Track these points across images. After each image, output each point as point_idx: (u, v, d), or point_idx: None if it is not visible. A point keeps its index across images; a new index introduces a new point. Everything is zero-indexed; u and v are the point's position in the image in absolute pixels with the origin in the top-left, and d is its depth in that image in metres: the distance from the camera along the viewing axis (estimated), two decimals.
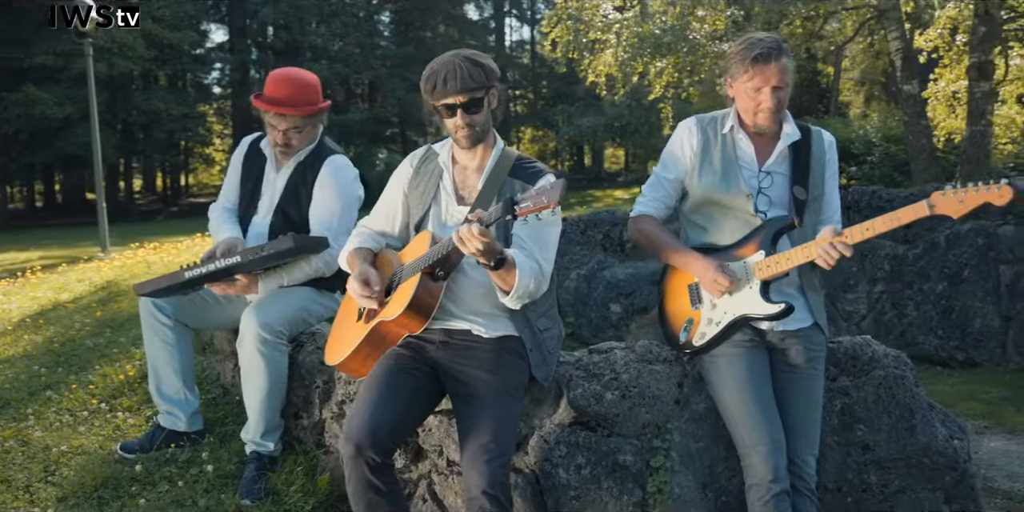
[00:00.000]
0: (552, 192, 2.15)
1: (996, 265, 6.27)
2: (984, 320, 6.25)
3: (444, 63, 2.55)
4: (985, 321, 6.24)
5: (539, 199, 2.17)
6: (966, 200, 2.27)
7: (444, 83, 2.53)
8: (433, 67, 2.58)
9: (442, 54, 2.63)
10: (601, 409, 2.65)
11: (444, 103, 2.55)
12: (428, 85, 2.57)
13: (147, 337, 3.23)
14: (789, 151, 2.69)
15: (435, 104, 2.58)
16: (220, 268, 2.96)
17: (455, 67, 2.52)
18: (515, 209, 2.20)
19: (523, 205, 2.20)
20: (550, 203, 2.15)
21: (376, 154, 28.78)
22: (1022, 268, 6.18)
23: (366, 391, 2.49)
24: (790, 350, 2.66)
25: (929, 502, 2.85)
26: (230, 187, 3.40)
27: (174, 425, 3.23)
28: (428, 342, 2.61)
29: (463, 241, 2.28)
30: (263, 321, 2.97)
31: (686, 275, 2.76)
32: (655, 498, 2.64)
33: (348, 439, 2.36)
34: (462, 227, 2.27)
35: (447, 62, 2.55)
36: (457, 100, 2.53)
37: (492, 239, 2.28)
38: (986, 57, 14.05)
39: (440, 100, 2.55)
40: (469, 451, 2.37)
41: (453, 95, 2.53)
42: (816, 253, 2.47)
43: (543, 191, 2.17)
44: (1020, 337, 6.16)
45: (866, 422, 2.83)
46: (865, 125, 17.28)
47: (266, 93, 3.16)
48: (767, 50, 2.53)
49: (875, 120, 18.10)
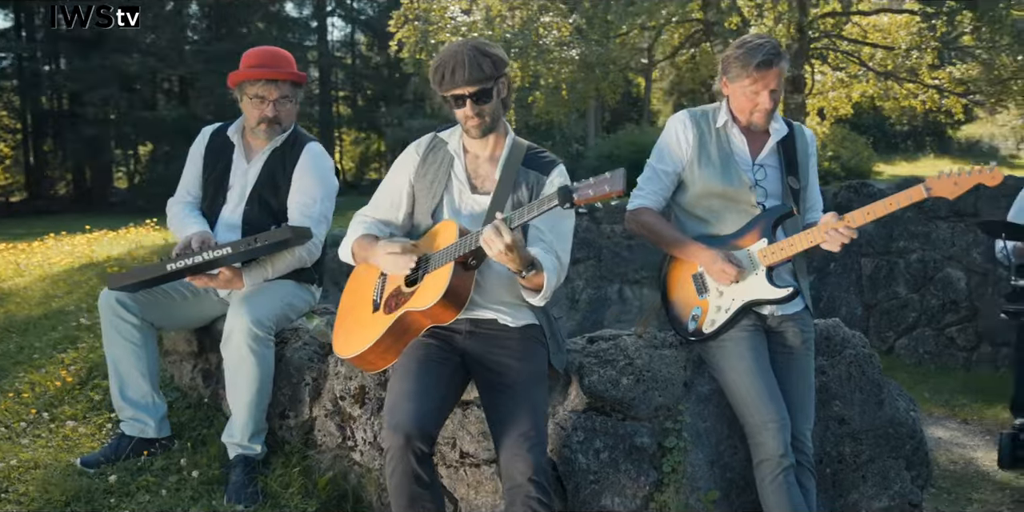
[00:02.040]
0: (615, 181, 2.20)
1: (858, 258, 6.88)
2: (848, 308, 6.83)
3: (452, 53, 2.55)
4: (849, 309, 6.83)
5: (600, 188, 2.21)
6: (960, 182, 2.52)
7: (452, 74, 2.53)
8: (441, 58, 2.57)
9: (449, 45, 2.63)
10: (618, 394, 2.72)
11: (453, 94, 2.55)
12: (436, 76, 2.56)
13: (109, 338, 2.98)
14: (777, 145, 2.87)
15: (444, 95, 2.58)
16: (207, 260, 2.79)
17: (463, 58, 2.52)
18: (573, 197, 2.24)
19: (581, 193, 2.23)
20: (613, 191, 2.20)
21: None
22: (880, 260, 6.81)
23: (404, 381, 2.43)
24: (787, 332, 2.84)
25: (893, 469, 3.12)
26: (190, 180, 3.21)
27: (142, 432, 3.00)
28: (455, 332, 2.58)
29: (488, 243, 2.29)
30: (254, 316, 2.82)
31: (688, 265, 2.87)
32: (670, 477, 2.74)
33: (396, 429, 2.29)
34: (488, 228, 2.29)
35: (455, 53, 2.55)
36: (466, 91, 2.54)
37: (518, 242, 2.30)
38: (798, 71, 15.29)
39: (449, 91, 2.55)
40: (510, 440, 2.37)
41: (462, 86, 2.53)
42: (822, 238, 2.65)
43: (603, 180, 2.22)
44: (880, 323, 6.78)
45: (841, 398, 3.06)
46: None
47: (248, 65, 3.02)
48: (769, 56, 2.70)
49: None
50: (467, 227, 2.55)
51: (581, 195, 2.24)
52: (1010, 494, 3.96)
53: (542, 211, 2.31)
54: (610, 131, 25.96)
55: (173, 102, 31.21)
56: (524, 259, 2.36)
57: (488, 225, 2.31)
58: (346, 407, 2.88)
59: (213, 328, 3.26)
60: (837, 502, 3.04)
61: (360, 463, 2.88)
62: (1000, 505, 3.84)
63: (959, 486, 4.02)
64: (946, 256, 6.39)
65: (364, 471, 2.88)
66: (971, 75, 16.42)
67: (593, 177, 2.25)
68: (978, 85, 16.28)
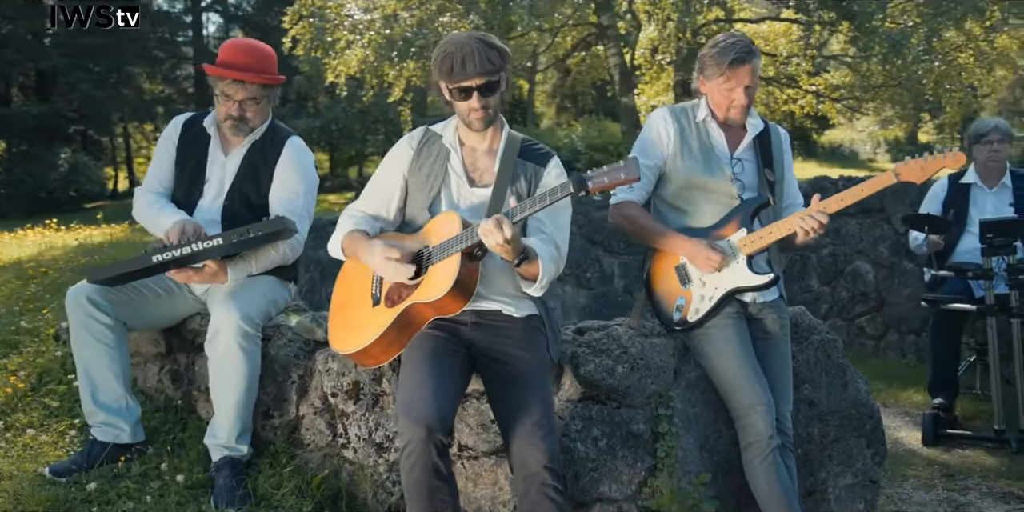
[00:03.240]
0: (629, 168, 2.26)
1: None
2: None
3: (460, 45, 2.54)
4: None
5: (616, 175, 2.26)
6: (926, 167, 2.70)
7: (463, 66, 2.53)
8: (448, 49, 2.56)
9: (452, 35, 2.62)
10: (614, 382, 2.78)
11: (461, 86, 2.55)
12: (444, 66, 2.55)
13: (80, 339, 2.83)
14: (754, 140, 3.00)
15: (450, 86, 2.57)
16: (196, 251, 2.69)
17: (472, 50, 2.52)
18: (588, 185, 2.28)
19: (596, 181, 2.28)
20: (629, 179, 2.26)
21: (58, 153, 25.62)
22: (794, 256, 7.12)
23: (419, 374, 2.40)
24: (766, 319, 2.96)
25: (856, 448, 3.30)
26: (162, 171, 3.08)
27: (116, 437, 2.85)
28: (460, 324, 2.58)
29: (486, 234, 2.31)
30: (243, 312, 2.74)
31: (670, 257, 2.96)
32: (663, 462, 2.81)
33: (417, 422, 2.27)
34: (488, 221, 2.30)
35: (463, 44, 2.54)
36: (474, 83, 2.54)
37: (516, 236, 2.33)
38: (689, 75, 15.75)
39: (457, 82, 2.55)
40: (523, 429, 2.38)
41: (472, 78, 2.53)
42: (796, 224, 2.78)
43: (618, 168, 2.27)
44: None
45: (810, 381, 3.21)
46: (571, 134, 18.78)
47: (222, 59, 2.92)
48: (741, 54, 2.82)
49: (579, 130, 19.74)
50: (467, 220, 2.55)
51: (596, 183, 2.28)
52: (939, 469, 4.24)
53: (554, 200, 2.34)
54: None
55: (32, 98, 29.22)
56: (517, 250, 2.39)
57: (489, 217, 2.32)
58: (338, 404, 2.82)
59: (183, 328, 3.14)
60: (808, 481, 3.19)
61: (352, 460, 2.83)
62: (932, 479, 4.10)
63: (893, 464, 4.27)
64: (855, 250, 6.76)
65: (356, 468, 2.83)
66: (845, 82, 17.44)
67: (607, 166, 2.29)
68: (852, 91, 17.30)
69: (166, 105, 29.41)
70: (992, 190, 4.90)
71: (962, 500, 3.84)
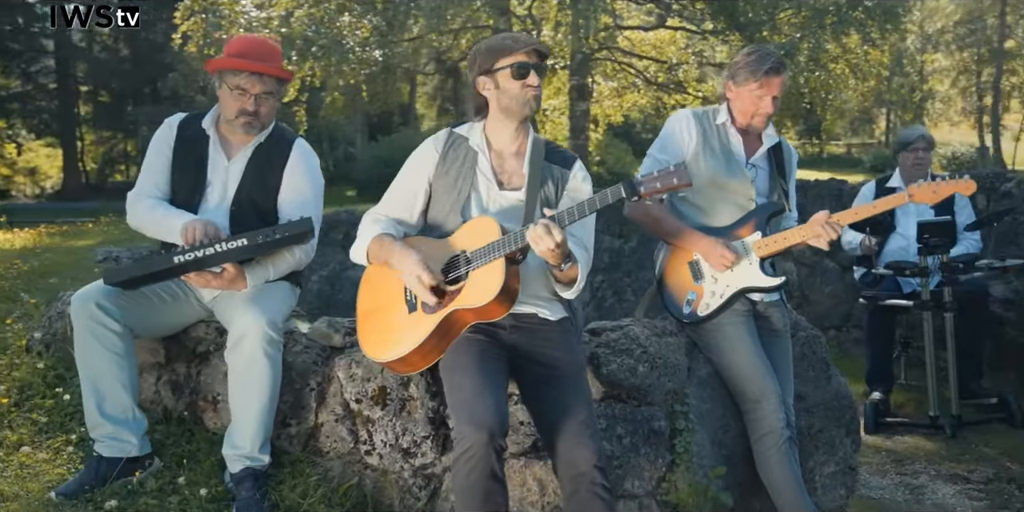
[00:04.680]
0: (680, 174, 2.33)
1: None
2: None
3: (506, 33, 2.62)
4: None
5: (668, 180, 2.33)
6: (939, 191, 2.90)
7: (517, 40, 2.59)
8: (495, 37, 2.62)
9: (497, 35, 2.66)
10: (636, 381, 2.86)
11: (519, 61, 2.57)
12: (503, 42, 2.59)
13: (87, 348, 2.68)
14: (768, 151, 3.14)
15: (508, 64, 2.58)
16: (219, 252, 2.60)
17: (524, 34, 2.62)
18: (640, 190, 2.34)
19: (647, 186, 2.34)
20: (681, 184, 2.33)
21: None
22: None
23: (471, 377, 2.40)
24: (772, 317, 3.11)
25: (837, 437, 3.49)
26: (158, 174, 2.94)
27: (125, 451, 2.71)
28: (499, 327, 2.59)
29: (537, 240, 2.34)
30: (269, 318, 2.66)
31: (684, 253, 3.07)
32: (681, 458, 2.91)
33: (480, 426, 2.26)
34: (537, 226, 2.34)
35: (509, 32, 2.60)
36: (532, 59, 2.58)
37: (565, 240, 2.38)
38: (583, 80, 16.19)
39: (514, 56, 2.57)
40: (569, 430, 2.41)
41: (530, 51, 2.59)
42: (813, 233, 2.93)
43: (669, 173, 2.34)
44: None
45: (799, 375, 3.37)
46: None
47: (236, 51, 2.84)
48: (776, 64, 2.95)
49: None
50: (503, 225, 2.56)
51: (648, 188, 2.34)
52: (887, 455, 4.52)
53: (604, 205, 2.39)
54: (375, 135, 25.90)
55: None
56: (565, 254, 2.43)
57: (538, 222, 2.35)
58: (363, 409, 2.78)
59: (183, 336, 3.02)
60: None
61: (375, 467, 2.80)
62: (884, 465, 4.38)
63: None
64: None
65: (379, 475, 2.80)
66: None
67: (656, 171, 2.36)
68: None
69: (23, 102, 27.58)
70: None
71: (915, 483, 4.12)
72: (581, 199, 2.49)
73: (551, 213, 2.38)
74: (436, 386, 2.76)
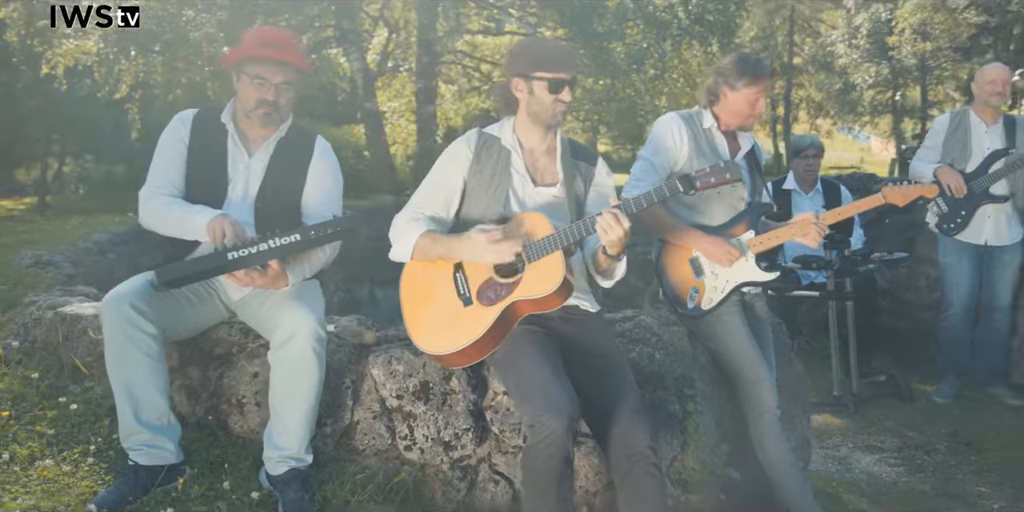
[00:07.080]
0: (732, 169, 2.55)
1: None
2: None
3: (553, 42, 2.73)
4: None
5: (721, 175, 2.55)
6: (907, 193, 3.26)
7: (563, 60, 2.71)
8: (542, 43, 2.74)
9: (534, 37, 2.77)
10: (655, 368, 3.05)
11: (557, 77, 2.69)
12: (537, 58, 2.70)
13: (119, 352, 2.55)
14: (748, 152, 3.41)
15: (545, 76, 2.69)
16: (273, 248, 2.55)
17: (568, 48, 2.81)
18: (696, 184, 2.54)
19: (703, 181, 2.54)
20: (733, 178, 2.55)
21: None
22: None
23: (539, 367, 2.50)
24: (756, 306, 3.40)
25: (797, 415, 3.84)
26: (171, 171, 2.83)
27: (164, 459, 2.60)
28: (549, 319, 2.71)
29: (607, 229, 2.50)
30: (318, 316, 2.64)
31: (683, 251, 3.29)
32: (692, 438, 3.13)
33: (559, 414, 2.37)
34: (607, 215, 2.50)
35: (547, 42, 2.72)
36: (569, 76, 2.71)
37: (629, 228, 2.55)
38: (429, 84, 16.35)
39: (554, 73, 2.69)
40: (624, 414, 2.57)
41: (570, 70, 2.72)
42: (803, 232, 3.22)
43: (721, 169, 2.55)
44: None
45: None
46: None
47: (258, 41, 2.79)
48: (768, 70, 3.22)
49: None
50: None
51: (703, 182, 2.55)
52: None
53: (662, 198, 2.57)
54: None
55: None
56: (626, 243, 2.59)
57: (605, 212, 2.50)
58: (405, 405, 2.81)
59: (200, 338, 2.93)
60: None
61: (415, 461, 2.84)
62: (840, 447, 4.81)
63: None
64: None
65: (417, 469, 2.84)
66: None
67: (708, 167, 2.56)
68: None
69: None
70: (808, 195, 5.79)
71: (839, 455, 4.56)
72: (606, 193, 2.68)
73: (616, 202, 2.52)
74: (476, 379, 2.84)
